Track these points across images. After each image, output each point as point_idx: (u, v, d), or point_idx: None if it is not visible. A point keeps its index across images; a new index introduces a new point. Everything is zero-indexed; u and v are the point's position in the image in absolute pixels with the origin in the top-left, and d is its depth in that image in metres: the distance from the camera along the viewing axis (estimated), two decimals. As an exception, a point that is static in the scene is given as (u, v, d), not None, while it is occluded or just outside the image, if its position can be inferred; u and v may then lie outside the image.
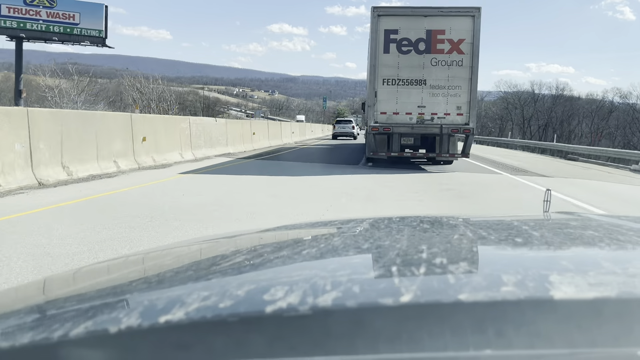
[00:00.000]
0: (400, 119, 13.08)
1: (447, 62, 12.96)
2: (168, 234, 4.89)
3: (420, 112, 13.06)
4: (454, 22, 12.91)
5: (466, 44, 12.89)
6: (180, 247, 1.19)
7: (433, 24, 12.93)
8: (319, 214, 6.39)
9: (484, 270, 0.68)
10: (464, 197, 8.55)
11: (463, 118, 13.03)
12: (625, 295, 0.55)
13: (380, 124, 13.07)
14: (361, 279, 0.64)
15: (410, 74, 13.02)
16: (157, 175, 10.12)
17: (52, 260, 3.95)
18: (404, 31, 12.96)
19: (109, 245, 4.41)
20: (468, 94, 12.98)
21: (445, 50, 12.94)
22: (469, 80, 12.95)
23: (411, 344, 0.46)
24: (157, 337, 0.52)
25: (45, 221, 5.35)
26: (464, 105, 13.01)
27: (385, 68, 13.02)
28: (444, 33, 12.91)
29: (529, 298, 0.53)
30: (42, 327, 0.56)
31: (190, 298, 0.58)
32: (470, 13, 12.86)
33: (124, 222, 5.36)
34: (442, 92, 13.00)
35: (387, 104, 13.10)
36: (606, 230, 1.02)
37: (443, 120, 13.02)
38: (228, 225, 5.46)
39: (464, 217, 1.28)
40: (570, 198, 8.76)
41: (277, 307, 0.53)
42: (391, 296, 0.54)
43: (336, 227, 1.17)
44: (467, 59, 12.90)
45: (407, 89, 13.05)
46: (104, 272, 1.01)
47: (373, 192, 8.77)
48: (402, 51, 12.98)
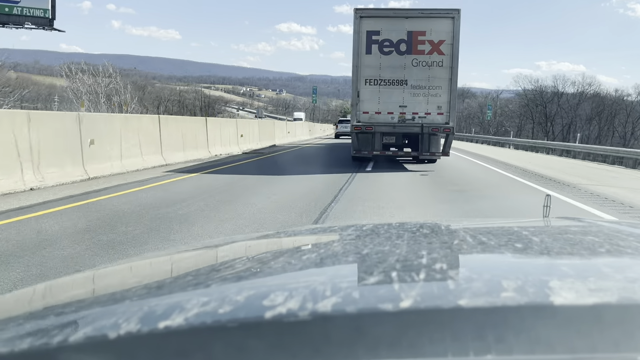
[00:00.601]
0: (382, 119, 13.40)
1: (427, 62, 13.26)
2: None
3: (401, 111, 13.37)
4: (434, 24, 13.22)
5: (446, 45, 13.18)
6: (180, 252, 1.19)
7: (414, 25, 13.24)
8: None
9: (484, 276, 0.67)
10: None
11: (443, 117, 13.33)
12: (626, 301, 0.55)
13: (362, 123, 13.39)
14: (361, 284, 0.65)
15: (392, 74, 13.33)
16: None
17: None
18: (386, 32, 13.28)
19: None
20: (448, 94, 13.29)
21: (425, 51, 13.25)
22: (449, 80, 13.26)
23: (411, 349, 0.47)
24: (156, 342, 0.51)
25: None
26: (444, 105, 13.31)
27: (367, 68, 13.34)
28: (425, 34, 13.21)
29: (529, 304, 0.53)
30: (41, 332, 0.56)
31: (190, 304, 0.58)
32: (450, 15, 13.16)
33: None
34: (423, 92, 13.31)
35: (370, 104, 13.42)
36: (606, 235, 1.02)
37: (424, 119, 13.32)
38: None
39: (464, 222, 1.28)
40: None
41: (277, 313, 0.53)
42: (391, 302, 0.54)
43: (336, 232, 1.17)
44: (447, 60, 13.20)
45: (388, 89, 13.37)
46: (103, 278, 1.01)
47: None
48: (384, 52, 13.30)
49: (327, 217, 6.30)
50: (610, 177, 14.08)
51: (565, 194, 9.27)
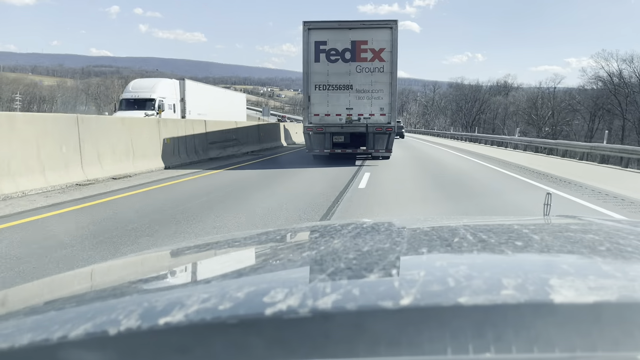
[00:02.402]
0: (331, 120, 14.93)
1: (370, 69, 14.77)
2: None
3: (348, 113, 14.89)
4: (375, 34, 14.73)
5: (386, 53, 14.68)
6: (180, 249, 1.19)
7: (357, 35, 14.77)
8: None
9: (484, 274, 0.66)
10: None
11: (386, 118, 14.82)
12: (626, 299, 0.55)
13: (314, 124, 14.93)
14: (361, 281, 0.65)
15: (338, 80, 14.87)
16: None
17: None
18: (332, 42, 14.82)
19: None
20: (389, 97, 14.80)
21: (368, 58, 14.76)
22: (389, 84, 14.77)
23: (411, 347, 0.47)
24: (156, 339, 0.52)
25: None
26: (386, 107, 14.82)
27: (316, 75, 14.89)
28: (367, 43, 14.73)
29: (529, 302, 0.53)
30: (41, 328, 0.55)
31: (190, 300, 0.58)
32: (389, 25, 14.71)
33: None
34: (367, 95, 14.82)
35: (320, 107, 14.96)
36: (606, 233, 1.01)
37: (368, 120, 14.82)
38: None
39: (464, 220, 1.29)
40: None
41: (277, 310, 0.53)
42: (391, 299, 0.54)
43: (336, 229, 1.17)
44: (387, 66, 14.71)
45: (336, 93, 14.90)
46: (103, 274, 1.02)
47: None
48: (331, 60, 14.84)
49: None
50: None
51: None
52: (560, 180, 11.43)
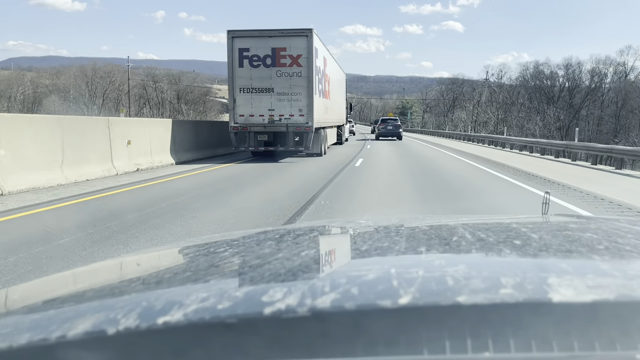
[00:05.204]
0: (255, 120, 16.21)
1: (289, 73, 16.00)
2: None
3: (270, 114, 16.14)
4: (292, 41, 15.96)
5: (303, 59, 15.89)
6: (178, 247, 1.19)
7: (277, 43, 16.02)
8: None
9: (483, 273, 0.66)
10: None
11: (304, 118, 16.00)
12: (624, 298, 0.55)
13: (239, 124, 16.24)
14: (360, 280, 0.64)
15: (261, 83, 16.15)
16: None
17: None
18: (254, 49, 16.11)
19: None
20: (307, 99, 15.97)
21: (287, 64, 15.99)
22: (307, 87, 15.96)
23: (410, 346, 0.47)
24: (155, 338, 0.52)
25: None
26: (304, 108, 16.00)
27: (241, 79, 16.20)
28: (286, 50, 15.97)
29: (528, 300, 0.53)
30: (39, 327, 0.55)
31: (189, 299, 0.58)
32: (305, 33, 15.95)
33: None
34: (287, 97, 16.04)
35: (244, 108, 16.26)
36: (605, 232, 1.01)
37: (289, 120, 16.03)
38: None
39: (463, 219, 1.29)
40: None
41: (276, 309, 0.53)
42: (390, 298, 0.54)
43: (335, 228, 1.19)
44: (304, 71, 15.91)
45: (259, 95, 16.18)
46: (101, 273, 1.02)
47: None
48: (254, 65, 16.13)
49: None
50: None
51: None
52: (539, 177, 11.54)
